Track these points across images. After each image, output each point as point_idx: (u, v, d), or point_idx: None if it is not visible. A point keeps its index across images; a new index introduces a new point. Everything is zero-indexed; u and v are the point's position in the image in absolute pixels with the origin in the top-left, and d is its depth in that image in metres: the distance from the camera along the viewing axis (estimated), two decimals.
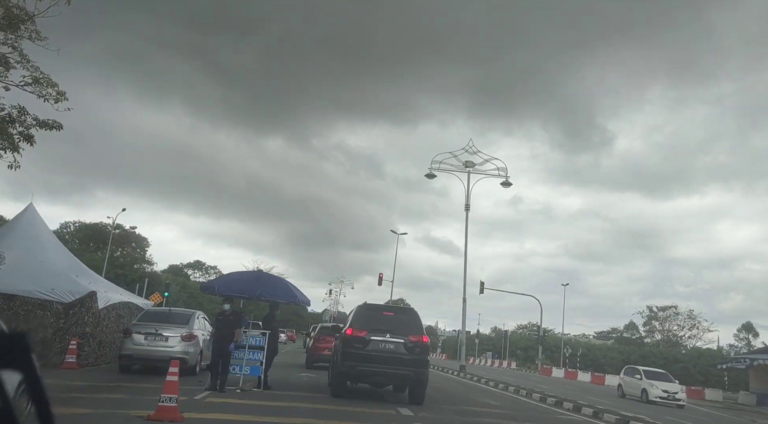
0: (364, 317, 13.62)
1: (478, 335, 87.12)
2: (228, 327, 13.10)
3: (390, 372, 13.05)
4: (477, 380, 25.90)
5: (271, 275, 14.45)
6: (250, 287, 13.52)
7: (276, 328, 14.87)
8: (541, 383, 30.61)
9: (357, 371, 13.08)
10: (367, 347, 12.93)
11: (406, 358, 12.95)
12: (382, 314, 13.92)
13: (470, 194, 30.93)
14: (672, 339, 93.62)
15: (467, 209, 31.05)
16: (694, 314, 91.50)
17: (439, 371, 31.20)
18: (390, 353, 12.93)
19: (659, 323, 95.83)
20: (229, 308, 13.33)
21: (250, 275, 14.18)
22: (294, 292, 14.11)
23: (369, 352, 12.87)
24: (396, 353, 12.95)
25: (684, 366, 78.85)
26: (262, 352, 14.02)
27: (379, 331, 13.06)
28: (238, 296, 13.89)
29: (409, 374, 13.07)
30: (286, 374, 18.83)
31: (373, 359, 12.83)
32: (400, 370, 12.99)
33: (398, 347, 12.98)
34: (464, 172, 31.35)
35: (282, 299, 14.03)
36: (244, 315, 14.62)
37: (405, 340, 13.02)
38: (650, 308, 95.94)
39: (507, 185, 31.70)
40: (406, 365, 12.94)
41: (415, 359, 13.03)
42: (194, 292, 72.54)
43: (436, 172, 31.29)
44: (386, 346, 12.98)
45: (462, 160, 31.35)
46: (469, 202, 31.12)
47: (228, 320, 13.18)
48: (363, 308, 14.29)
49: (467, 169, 31.25)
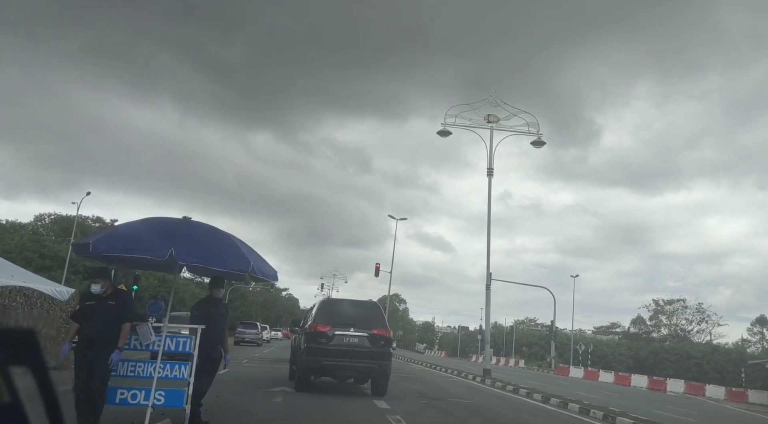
0: (327, 312, 13.40)
1: (481, 331, 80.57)
2: (102, 323, 6.57)
3: (354, 365, 12.94)
4: (513, 390, 19.33)
5: (203, 226, 7.80)
6: (159, 246, 6.86)
7: (220, 321, 8.30)
8: (579, 389, 24.26)
9: (322, 366, 12.86)
10: (332, 341, 12.77)
11: (369, 351, 12.87)
12: (346, 309, 13.72)
13: (493, 156, 24.45)
14: (680, 334, 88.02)
15: (490, 174, 24.51)
16: (703, 308, 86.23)
17: (459, 377, 24.57)
18: (354, 347, 12.84)
19: (666, 317, 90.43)
20: (100, 288, 6.78)
21: (160, 224, 7.53)
22: (246, 256, 7.48)
23: (333, 346, 12.72)
24: (360, 346, 12.86)
25: (697, 362, 73.22)
26: (188, 365, 7.48)
27: (343, 325, 12.95)
28: (130, 259, 7.33)
29: (373, 367, 13.00)
30: (252, 392, 12.27)
31: (338, 353, 12.71)
32: (365, 363, 12.90)
33: (362, 341, 12.90)
34: (485, 129, 24.87)
35: (224, 266, 7.34)
36: (158, 301, 8.16)
37: (368, 334, 12.95)
38: (656, 301, 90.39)
39: (539, 145, 25.17)
40: (370, 358, 12.87)
41: (378, 352, 12.98)
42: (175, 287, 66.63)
43: (451, 128, 24.76)
44: (350, 340, 12.87)
45: (483, 114, 24.87)
46: (493, 165, 24.58)
47: (103, 309, 6.65)
48: (326, 303, 14.35)
49: (489, 125, 24.75)
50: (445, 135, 24.64)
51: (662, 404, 23.33)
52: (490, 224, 24.42)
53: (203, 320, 7.84)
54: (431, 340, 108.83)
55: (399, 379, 20.28)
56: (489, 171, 24.44)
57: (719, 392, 38.80)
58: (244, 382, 14.31)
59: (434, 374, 25.43)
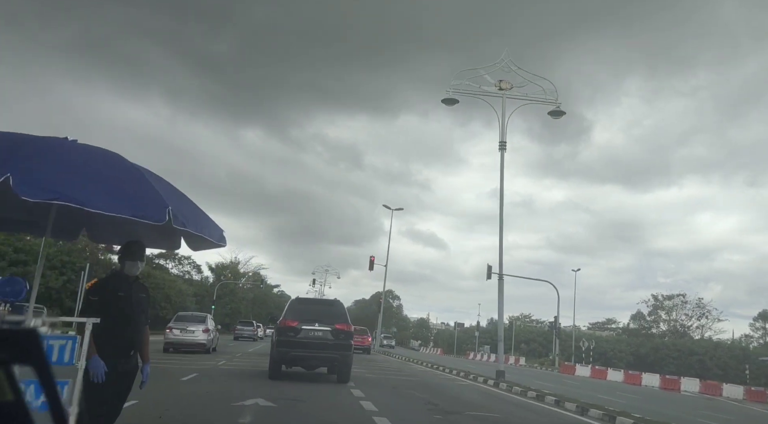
0: (296, 310, 14.95)
1: (478, 328, 77.43)
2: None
3: (319, 356, 14.41)
4: (537, 397, 16.07)
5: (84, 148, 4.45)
6: None
7: (136, 311, 4.97)
8: (596, 391, 21.12)
9: (290, 356, 14.36)
10: (299, 335, 14.19)
11: (332, 343, 14.30)
12: (312, 306, 15.56)
13: (505, 132, 21.20)
14: (679, 330, 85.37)
15: (503, 149, 21.28)
16: (703, 303, 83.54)
17: (468, 380, 21.21)
18: (319, 340, 14.24)
19: (665, 312, 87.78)
20: None
21: None
22: (161, 196, 4.17)
23: (300, 339, 14.17)
24: (324, 339, 14.26)
25: (700, 359, 70.68)
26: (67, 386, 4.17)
27: (309, 321, 14.33)
28: None
29: (336, 357, 14.45)
30: (215, 407, 8.98)
31: (304, 345, 14.16)
32: (328, 354, 14.37)
33: (326, 334, 14.29)
34: (497, 96, 21.61)
35: (117, 209, 4.01)
36: (16, 278, 5.91)
37: (332, 328, 14.35)
38: (655, 296, 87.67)
39: (558, 115, 21.94)
40: (333, 349, 14.32)
41: (340, 344, 14.43)
42: (160, 283, 63.27)
43: (458, 96, 21.47)
44: (315, 333, 14.25)
45: (494, 80, 21.58)
46: (506, 139, 21.33)
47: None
48: (295, 301, 15.95)
49: (501, 92, 21.49)
50: (450, 103, 21.33)
51: (696, 408, 20.30)
52: (502, 221, 21.15)
53: (106, 309, 4.56)
54: (426, 337, 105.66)
55: (401, 383, 17.03)
56: (501, 145, 21.18)
57: (737, 392, 35.83)
58: (213, 389, 11.70)
59: (439, 376, 22.18)
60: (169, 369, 15.33)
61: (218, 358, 21.67)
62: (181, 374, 14.17)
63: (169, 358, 19.78)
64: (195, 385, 12.77)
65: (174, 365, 17.01)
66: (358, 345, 38.54)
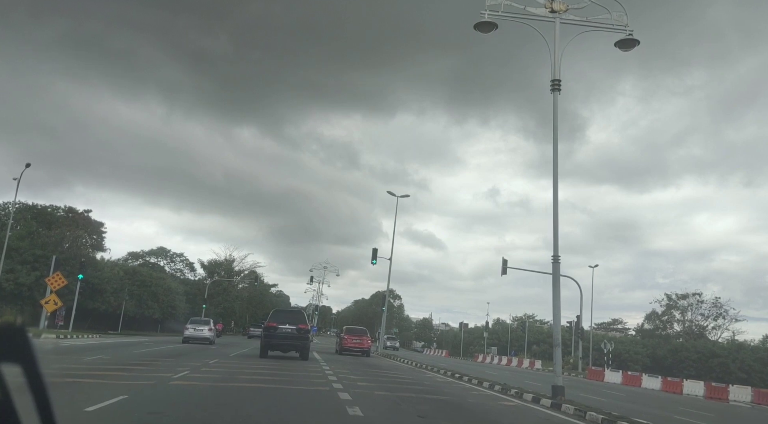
0: (276, 316, 24.92)
1: (487, 328, 71.78)
2: None
3: (289, 344, 24.14)
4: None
5: None
6: None
7: None
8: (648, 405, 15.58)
9: (272, 344, 24.08)
10: (277, 331, 23.83)
11: (297, 336, 23.94)
12: (284, 314, 26.06)
13: (558, 68, 15.75)
14: (695, 330, 79.79)
15: (556, 88, 15.73)
16: (720, 302, 77.95)
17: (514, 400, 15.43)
18: (289, 334, 23.84)
19: (680, 312, 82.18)
20: None
21: None
22: None
23: (278, 333, 23.81)
24: (291, 333, 23.84)
25: (722, 362, 64.92)
26: None
27: (283, 322, 24.03)
28: None
29: (299, 344, 24.14)
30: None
31: (281, 336, 23.83)
32: (294, 342, 24.05)
33: (293, 331, 23.84)
34: (548, 20, 16.17)
35: None
36: None
37: (296, 327, 23.97)
38: (669, 295, 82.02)
39: (628, 47, 16.42)
40: (297, 339, 24.01)
41: (302, 336, 24.11)
42: (146, 280, 57.87)
43: (498, 20, 16.02)
44: (286, 330, 23.83)
45: (545, 2, 16.14)
46: (560, 76, 15.86)
47: None
48: (276, 311, 26.65)
49: (554, 15, 16.05)
50: (487, 30, 15.73)
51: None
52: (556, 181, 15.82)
53: None
54: (429, 338, 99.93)
55: (431, 408, 11.29)
56: (554, 84, 15.64)
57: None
58: None
59: (472, 393, 16.52)
60: (88, 390, 9.87)
61: (183, 367, 16.20)
62: (98, 399, 8.67)
63: (102, 372, 14.30)
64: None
65: (105, 380, 11.57)
66: (354, 347, 32.87)
